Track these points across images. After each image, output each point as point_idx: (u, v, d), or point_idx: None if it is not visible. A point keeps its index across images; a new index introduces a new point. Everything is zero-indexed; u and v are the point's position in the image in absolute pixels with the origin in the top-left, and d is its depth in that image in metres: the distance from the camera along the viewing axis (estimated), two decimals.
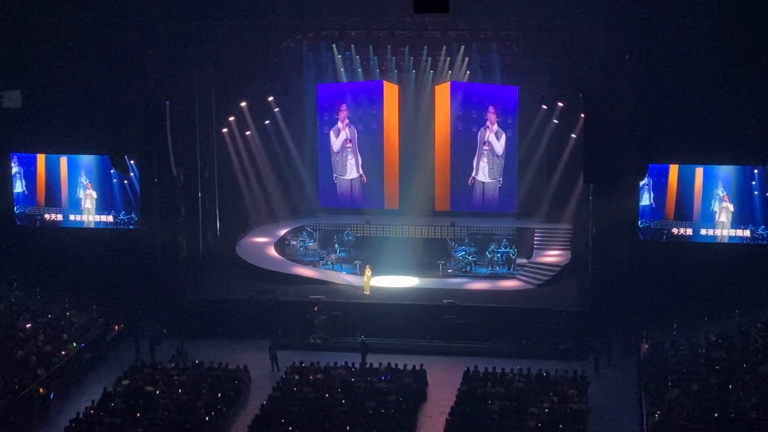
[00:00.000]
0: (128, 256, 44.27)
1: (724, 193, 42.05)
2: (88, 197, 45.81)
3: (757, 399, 31.25)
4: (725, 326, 38.24)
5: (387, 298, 41.73)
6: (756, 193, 41.81)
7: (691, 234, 42.53)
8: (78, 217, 45.96)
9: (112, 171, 43.90)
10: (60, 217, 46.00)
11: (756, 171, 41.68)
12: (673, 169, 42.55)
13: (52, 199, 45.99)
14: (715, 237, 42.33)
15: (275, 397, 33.79)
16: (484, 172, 48.21)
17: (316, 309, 40.25)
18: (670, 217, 42.84)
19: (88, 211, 45.80)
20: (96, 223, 45.83)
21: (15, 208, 46.10)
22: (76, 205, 45.88)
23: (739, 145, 40.67)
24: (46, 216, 46.11)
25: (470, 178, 48.29)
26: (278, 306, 41.10)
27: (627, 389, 35.73)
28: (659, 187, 42.58)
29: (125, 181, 44.96)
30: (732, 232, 42.24)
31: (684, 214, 42.69)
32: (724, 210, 42.27)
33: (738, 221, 42.10)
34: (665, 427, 30.64)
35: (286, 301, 41.38)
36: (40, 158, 45.92)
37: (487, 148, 47.91)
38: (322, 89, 48.48)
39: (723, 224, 42.34)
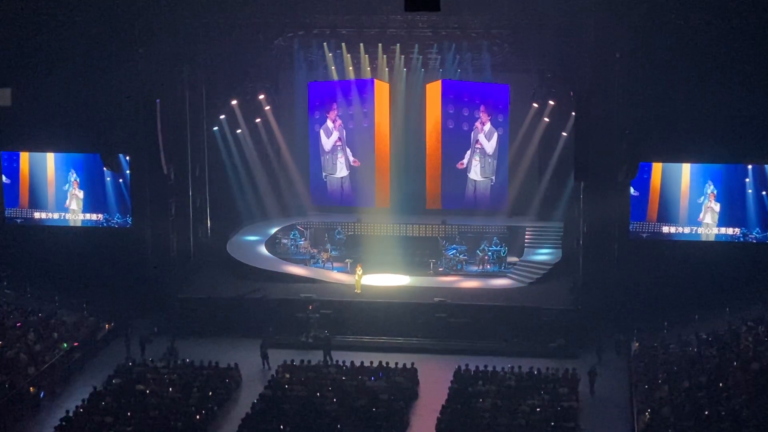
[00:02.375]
0: (119, 254, 44.21)
1: (714, 191, 41.92)
2: (74, 197, 45.59)
3: (747, 397, 31.32)
4: (715, 324, 38.30)
5: (378, 296, 41.71)
6: (750, 191, 41.63)
7: (681, 232, 42.52)
8: (65, 216, 45.83)
9: (105, 169, 43.77)
10: (47, 215, 45.82)
11: (750, 167, 41.51)
12: (656, 168, 42.24)
13: (36, 199, 45.72)
14: (702, 235, 42.31)
15: (266, 395, 33.77)
16: (476, 171, 48.20)
17: (311, 308, 40.22)
18: (652, 219, 42.59)
19: (74, 212, 45.62)
20: (87, 221, 45.71)
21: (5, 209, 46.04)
22: (64, 205, 45.75)
23: (731, 143, 40.67)
24: (36, 215, 45.98)
25: (459, 163, 48.13)
26: (269, 304, 41.04)
27: (617, 387, 35.76)
28: (641, 187, 42.25)
29: (120, 180, 44.84)
30: (723, 230, 42.20)
31: (669, 215, 42.41)
32: (709, 210, 42.07)
33: (729, 221, 41.97)
34: (655, 424, 30.70)
35: (277, 299, 41.33)
36: (23, 156, 45.68)
37: (479, 146, 47.90)
38: (313, 87, 48.43)
39: (708, 225, 42.16)
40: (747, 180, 41.73)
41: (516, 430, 31.04)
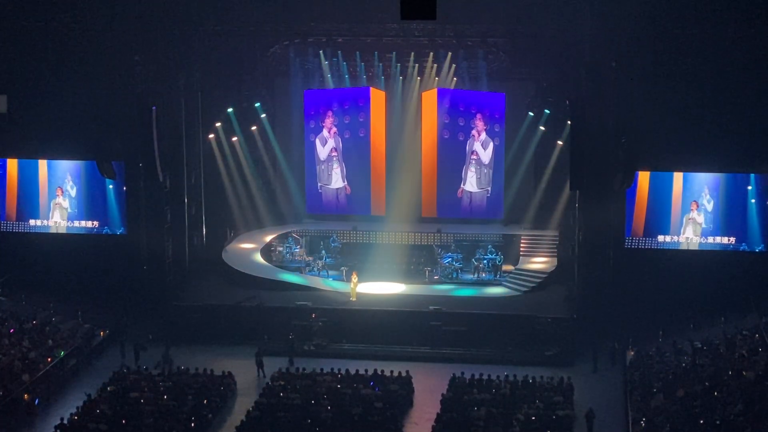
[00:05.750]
0: (114, 261, 44.16)
1: (709, 200, 41.74)
2: (58, 207, 45.37)
3: (742, 405, 31.30)
4: (710, 333, 38.35)
5: (373, 304, 41.67)
6: (753, 201, 41.25)
7: (677, 241, 42.44)
8: (47, 223, 45.70)
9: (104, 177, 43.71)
10: (41, 222, 45.71)
11: (753, 176, 41.15)
12: (644, 176, 41.87)
13: (25, 207, 45.52)
14: (700, 244, 42.24)
15: (261, 403, 33.72)
16: (471, 182, 48.15)
17: (314, 316, 40.18)
18: (638, 233, 42.20)
19: (57, 224, 45.42)
20: (73, 229, 45.56)
21: None
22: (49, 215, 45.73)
23: (728, 152, 40.65)
24: (31, 221, 45.90)
25: (459, 190, 48.23)
26: (264, 312, 41.00)
27: (613, 396, 35.75)
28: (627, 197, 41.74)
29: (124, 188, 44.70)
30: (718, 239, 42.12)
31: (657, 227, 42.05)
32: (691, 222, 41.78)
33: (727, 231, 41.71)
34: None
35: (272, 307, 41.28)
36: (11, 163, 45.47)
37: (474, 157, 47.88)
38: (309, 95, 48.40)
39: (689, 240, 41.92)
40: (749, 188, 41.36)
41: None
